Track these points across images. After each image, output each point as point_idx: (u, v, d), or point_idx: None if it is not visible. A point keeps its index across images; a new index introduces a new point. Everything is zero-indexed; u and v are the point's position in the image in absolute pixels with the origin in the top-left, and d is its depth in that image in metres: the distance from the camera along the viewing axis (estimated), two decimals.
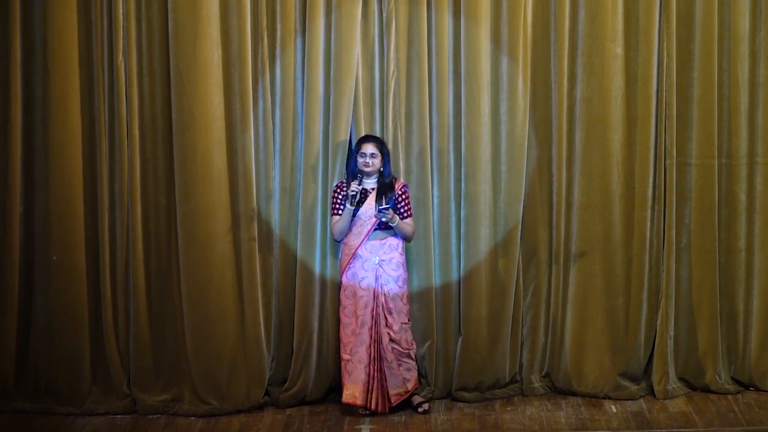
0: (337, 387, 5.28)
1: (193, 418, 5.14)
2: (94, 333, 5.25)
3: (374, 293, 5.00)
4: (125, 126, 5.11)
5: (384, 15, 5.18)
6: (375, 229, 5.02)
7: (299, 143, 5.22)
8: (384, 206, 4.90)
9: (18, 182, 5.13)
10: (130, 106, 5.11)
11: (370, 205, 5.00)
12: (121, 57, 5.06)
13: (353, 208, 4.94)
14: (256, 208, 5.17)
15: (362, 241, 5.00)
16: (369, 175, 5.01)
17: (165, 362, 5.27)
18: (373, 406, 5.00)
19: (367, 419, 5.02)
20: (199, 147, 5.09)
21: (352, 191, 4.91)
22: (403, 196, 5.06)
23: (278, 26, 5.15)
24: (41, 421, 5.12)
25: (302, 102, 5.20)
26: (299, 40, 5.18)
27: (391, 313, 5.02)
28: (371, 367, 4.98)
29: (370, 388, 5.00)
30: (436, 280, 5.31)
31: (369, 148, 4.97)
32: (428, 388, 5.31)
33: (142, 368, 5.24)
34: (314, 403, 5.27)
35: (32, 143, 5.16)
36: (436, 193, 5.30)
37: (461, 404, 5.27)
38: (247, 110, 5.12)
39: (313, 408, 5.24)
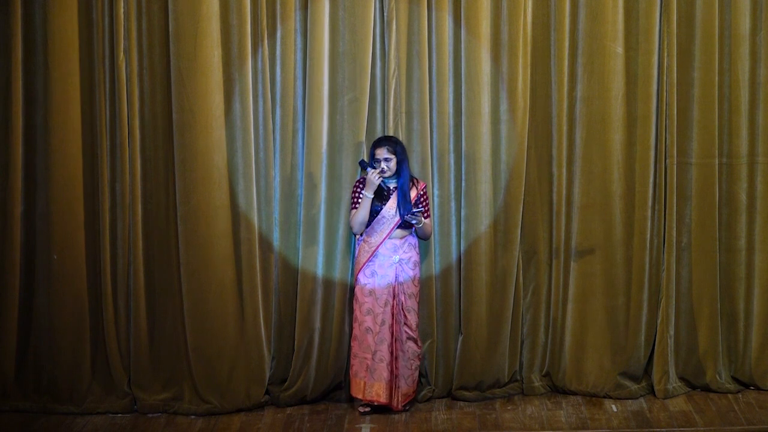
0: (337, 386, 5.29)
1: (193, 417, 5.14)
2: (94, 332, 5.25)
3: (394, 291, 5.00)
4: (126, 125, 5.12)
5: (385, 14, 5.19)
6: (396, 228, 5.02)
7: (300, 142, 5.23)
8: (416, 210, 4.91)
9: (19, 181, 5.14)
10: (130, 105, 5.11)
11: (393, 206, 4.99)
12: (122, 56, 5.07)
13: (371, 196, 4.92)
14: (256, 206, 5.18)
15: (383, 240, 4.99)
16: (388, 177, 5.00)
17: (165, 361, 5.27)
18: (394, 404, 4.99)
19: (368, 418, 5.01)
20: (200, 146, 5.10)
21: (375, 177, 4.86)
22: (424, 197, 5.07)
23: (279, 26, 5.15)
24: (41, 420, 5.12)
25: (302, 101, 5.20)
26: (299, 39, 5.19)
27: (410, 312, 5.03)
28: (393, 365, 4.97)
29: (394, 386, 4.99)
30: (436, 279, 5.31)
31: (382, 153, 4.95)
32: (428, 387, 5.31)
33: (142, 367, 5.24)
34: (314, 402, 5.27)
35: (33, 142, 5.17)
36: (436, 192, 5.30)
37: (461, 403, 5.27)
38: (247, 109, 5.13)
39: (313, 407, 5.24)
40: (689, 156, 5.32)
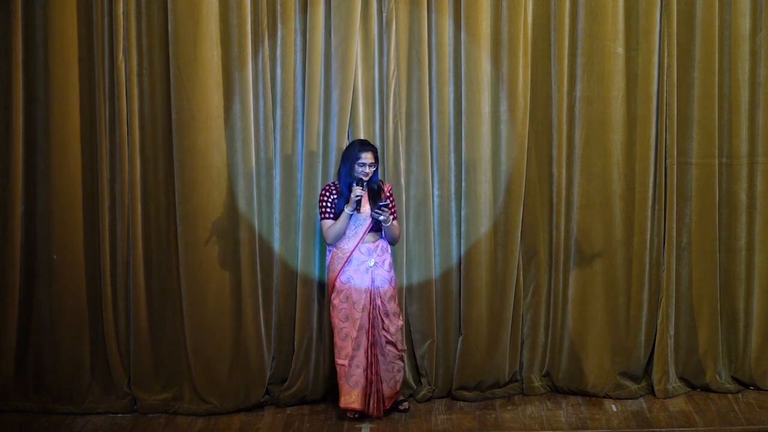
0: (337, 386, 5.28)
1: (193, 417, 5.14)
2: (94, 332, 5.25)
3: (370, 296, 4.95)
4: (125, 125, 5.12)
5: (384, 15, 5.19)
6: (368, 231, 5.00)
7: (299, 143, 5.23)
8: (382, 202, 4.87)
9: (19, 181, 5.15)
10: (130, 105, 5.11)
11: (365, 209, 4.95)
12: (121, 56, 5.07)
13: (352, 213, 4.88)
14: (256, 206, 5.18)
15: (357, 244, 4.97)
16: (365, 181, 4.95)
17: (165, 361, 5.27)
18: (370, 410, 4.95)
19: (367, 419, 5.00)
20: (199, 146, 5.10)
21: (357, 196, 4.84)
22: (390, 198, 5.02)
23: (278, 26, 5.16)
24: (41, 420, 5.12)
25: (302, 101, 5.20)
26: (299, 39, 5.19)
27: (387, 315, 4.99)
28: (368, 370, 4.94)
29: (369, 392, 4.95)
30: (436, 280, 5.31)
31: (369, 158, 4.89)
32: (428, 387, 5.31)
33: (142, 367, 5.24)
34: (314, 402, 5.27)
35: (33, 142, 5.17)
36: (436, 192, 5.30)
37: (461, 403, 5.27)
38: (247, 110, 5.13)
39: (313, 407, 5.24)
40: (689, 156, 5.32)
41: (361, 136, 5.17)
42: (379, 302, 4.97)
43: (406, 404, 5.15)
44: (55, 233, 5.16)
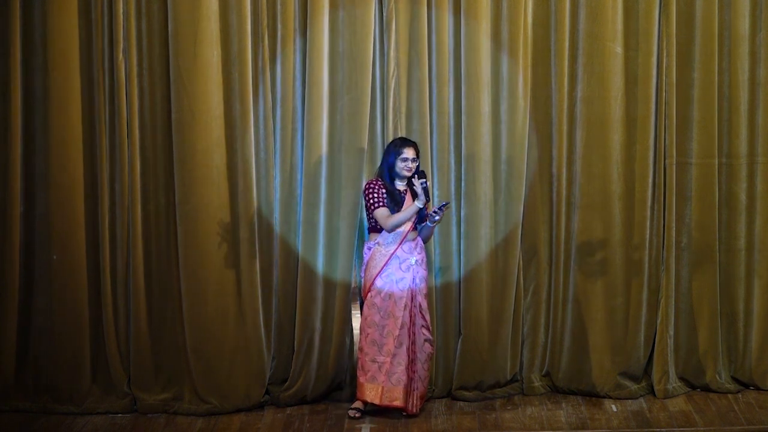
0: (337, 386, 5.30)
1: (193, 417, 5.13)
2: (94, 332, 5.24)
3: (411, 293, 4.97)
4: (125, 125, 5.12)
5: (384, 15, 5.19)
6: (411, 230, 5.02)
7: (299, 142, 5.23)
8: (444, 203, 4.91)
9: (18, 182, 5.14)
10: (130, 105, 5.11)
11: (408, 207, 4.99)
12: (121, 56, 5.07)
13: (422, 206, 4.89)
14: (256, 206, 5.18)
15: (401, 242, 4.98)
16: (407, 177, 4.97)
17: (165, 361, 5.27)
18: (410, 408, 4.97)
19: (367, 419, 5.00)
20: (199, 146, 5.10)
21: (423, 184, 4.87)
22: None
23: (278, 26, 5.16)
24: (41, 420, 5.11)
25: (302, 101, 5.20)
26: (299, 39, 5.19)
27: (426, 313, 5.02)
28: (409, 368, 4.95)
29: (410, 389, 4.96)
30: (436, 280, 5.31)
31: (411, 153, 4.93)
32: (428, 387, 5.30)
33: (142, 367, 5.24)
34: (314, 402, 5.27)
35: (32, 142, 5.16)
36: (436, 192, 5.30)
37: (461, 403, 5.27)
38: (247, 109, 5.13)
39: (313, 407, 5.23)
40: (689, 156, 5.33)
41: (365, 135, 5.16)
42: (419, 299, 4.99)
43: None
44: (54, 234, 5.15)
